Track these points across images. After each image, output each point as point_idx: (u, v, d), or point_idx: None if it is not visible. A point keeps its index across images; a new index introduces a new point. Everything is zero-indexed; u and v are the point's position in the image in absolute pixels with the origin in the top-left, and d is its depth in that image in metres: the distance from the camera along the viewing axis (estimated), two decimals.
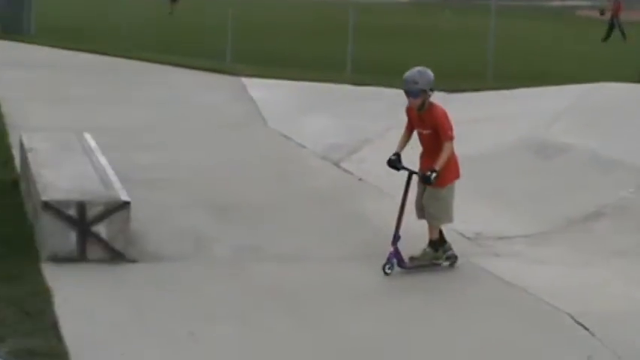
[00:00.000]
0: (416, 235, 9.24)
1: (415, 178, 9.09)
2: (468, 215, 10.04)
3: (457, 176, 9.16)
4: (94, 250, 8.92)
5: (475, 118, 14.52)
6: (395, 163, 9.09)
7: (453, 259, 9.27)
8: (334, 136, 14.65)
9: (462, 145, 9.39)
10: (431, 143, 9.02)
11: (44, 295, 7.92)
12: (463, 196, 9.37)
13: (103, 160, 10.47)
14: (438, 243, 9.21)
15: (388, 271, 8.84)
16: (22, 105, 16.16)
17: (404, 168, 9.08)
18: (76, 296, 8.04)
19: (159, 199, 10.93)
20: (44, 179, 9.48)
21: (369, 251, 9.65)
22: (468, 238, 10.16)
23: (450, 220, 9.25)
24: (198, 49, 24.76)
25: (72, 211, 8.89)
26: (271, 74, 20.27)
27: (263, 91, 18.50)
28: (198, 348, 7.26)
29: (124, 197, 9.14)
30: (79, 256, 8.88)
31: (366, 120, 15.61)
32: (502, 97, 17.10)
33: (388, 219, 10.70)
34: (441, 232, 9.25)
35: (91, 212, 8.92)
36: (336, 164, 13.38)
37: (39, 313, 7.52)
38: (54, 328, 7.29)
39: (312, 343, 7.46)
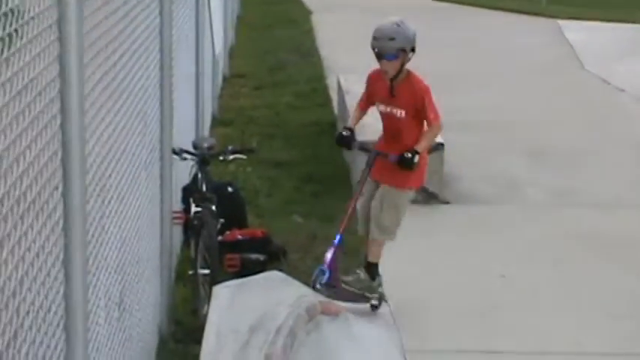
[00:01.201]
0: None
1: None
2: None
3: (423, 182, 6.70)
4: None
5: None
6: (348, 140, 6.57)
7: (383, 297, 6.71)
8: None
9: None
10: (401, 130, 6.36)
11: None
12: None
13: None
14: (376, 269, 6.63)
15: (319, 287, 6.27)
16: (338, 47, 16.49)
17: (363, 148, 6.62)
18: None
19: (472, 141, 10.89)
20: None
21: None
22: None
23: (394, 236, 6.60)
24: None
25: None
26: (590, 16, 19.69)
27: (580, 33, 17.99)
28: (510, 291, 7.21)
29: (439, 139, 9.14)
30: None
31: None
32: None
33: None
34: None
35: None
36: None
37: (353, 251, 7.67)
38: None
39: (629, 291, 7.22)
